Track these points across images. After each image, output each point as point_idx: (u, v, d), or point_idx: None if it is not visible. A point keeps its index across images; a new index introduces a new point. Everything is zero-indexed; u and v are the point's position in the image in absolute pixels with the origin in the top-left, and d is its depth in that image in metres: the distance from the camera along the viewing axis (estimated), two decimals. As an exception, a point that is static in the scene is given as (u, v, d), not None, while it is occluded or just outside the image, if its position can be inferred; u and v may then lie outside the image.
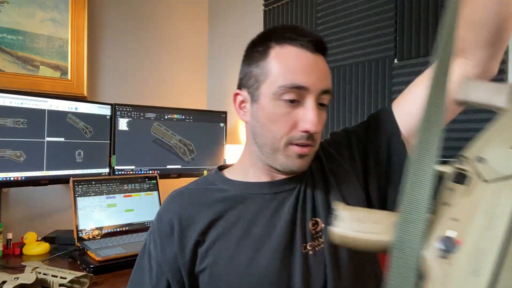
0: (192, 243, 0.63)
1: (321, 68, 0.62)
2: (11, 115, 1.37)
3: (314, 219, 0.64)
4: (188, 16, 2.28)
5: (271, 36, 0.64)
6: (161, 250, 0.65)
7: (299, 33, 0.62)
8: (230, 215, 0.64)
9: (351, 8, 1.54)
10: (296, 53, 0.61)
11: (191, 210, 0.65)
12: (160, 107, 1.81)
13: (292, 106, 0.60)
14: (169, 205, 0.68)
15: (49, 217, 1.67)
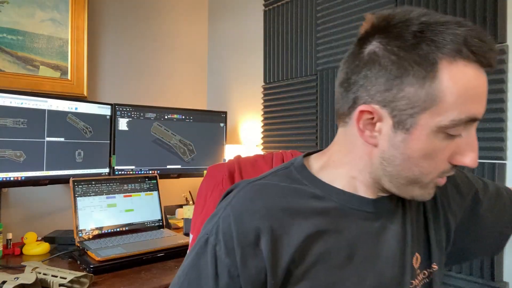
0: (286, 261, 0.51)
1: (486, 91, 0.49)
2: (11, 115, 1.37)
3: (416, 254, 0.58)
4: (188, 16, 2.28)
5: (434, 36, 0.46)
6: (240, 261, 0.51)
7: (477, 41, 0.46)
8: (330, 233, 0.53)
9: (351, 8, 1.53)
10: (475, 75, 0.46)
11: (283, 216, 0.53)
12: (160, 107, 1.81)
13: (450, 138, 0.49)
14: (253, 204, 0.54)
15: (49, 217, 1.67)
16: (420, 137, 0.49)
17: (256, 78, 2.02)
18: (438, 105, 0.46)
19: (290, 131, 1.78)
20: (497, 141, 1.14)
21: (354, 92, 0.52)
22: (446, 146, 0.49)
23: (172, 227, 1.72)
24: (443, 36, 0.46)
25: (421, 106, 0.47)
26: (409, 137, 0.49)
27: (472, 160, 0.49)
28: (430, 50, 0.46)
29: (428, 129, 0.48)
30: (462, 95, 0.46)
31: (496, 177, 1.14)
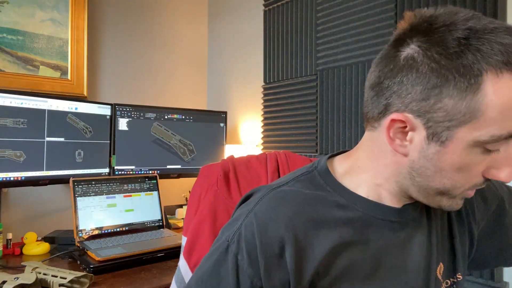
0: (310, 274, 0.50)
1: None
2: (11, 115, 1.37)
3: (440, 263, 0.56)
4: (188, 16, 2.28)
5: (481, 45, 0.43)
6: (264, 272, 0.49)
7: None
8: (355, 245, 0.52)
9: (351, 8, 1.53)
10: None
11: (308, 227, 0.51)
12: (160, 107, 1.81)
13: (490, 153, 0.46)
14: (276, 212, 0.52)
15: (49, 217, 1.67)
16: (456, 151, 0.46)
17: (256, 78, 2.02)
18: (479, 120, 0.43)
19: (290, 131, 1.78)
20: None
21: (386, 98, 0.49)
22: (482, 161, 0.47)
23: (172, 227, 1.72)
24: (491, 46, 0.42)
25: (460, 120, 0.44)
26: (444, 150, 0.46)
27: (508, 175, 0.47)
28: (475, 60, 0.42)
29: (465, 143, 0.45)
30: (505, 111, 0.43)
31: (496, 177, 1.14)
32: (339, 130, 1.57)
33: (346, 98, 1.55)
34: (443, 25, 0.45)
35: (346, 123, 1.54)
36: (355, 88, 1.52)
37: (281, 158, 0.87)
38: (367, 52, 1.48)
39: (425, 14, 0.47)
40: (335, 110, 1.59)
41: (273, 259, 0.50)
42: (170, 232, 1.52)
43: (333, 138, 1.59)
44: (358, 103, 1.51)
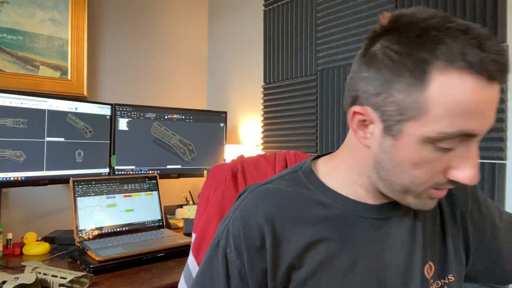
0: (286, 266, 0.53)
1: (494, 102, 0.45)
2: (11, 115, 1.37)
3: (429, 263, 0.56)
4: (188, 16, 2.28)
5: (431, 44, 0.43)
6: (248, 262, 0.54)
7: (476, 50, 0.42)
8: (333, 241, 0.54)
9: (351, 8, 1.54)
10: (472, 88, 0.42)
11: (286, 222, 0.55)
12: (160, 107, 1.81)
13: (444, 150, 0.46)
14: (258, 208, 0.56)
15: (49, 217, 1.67)
16: (407, 146, 0.47)
17: (256, 78, 2.02)
18: (426, 116, 0.44)
19: (290, 131, 1.78)
20: (497, 141, 1.14)
21: (354, 92, 0.51)
22: (437, 159, 0.47)
23: (172, 227, 1.72)
24: (443, 43, 0.43)
25: (409, 115, 0.45)
26: (397, 144, 0.48)
27: (467, 177, 0.46)
28: (424, 57, 0.43)
29: (416, 138, 0.46)
30: (453, 108, 0.43)
31: (496, 177, 1.14)
32: (339, 130, 1.57)
33: (346, 98, 1.55)
34: (405, 23, 0.46)
35: (346, 123, 1.54)
36: (355, 88, 1.52)
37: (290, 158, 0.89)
38: (367, 52, 1.48)
39: (393, 14, 0.48)
40: (335, 110, 1.59)
41: (255, 251, 0.54)
42: (170, 232, 1.52)
43: (333, 138, 1.59)
44: (358, 103, 1.51)
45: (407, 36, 0.45)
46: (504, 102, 1.13)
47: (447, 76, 0.43)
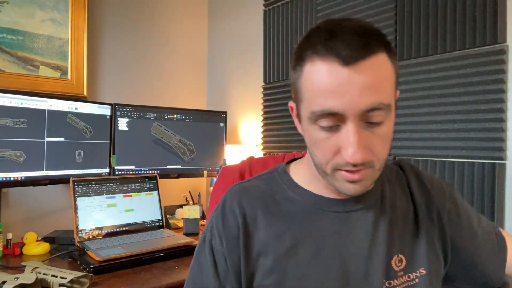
0: (255, 253, 0.59)
1: (360, 82, 0.48)
2: (11, 115, 1.37)
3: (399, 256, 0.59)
4: (188, 16, 2.28)
5: (307, 46, 0.52)
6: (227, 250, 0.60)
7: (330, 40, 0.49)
8: (298, 231, 0.59)
9: (351, 8, 1.54)
10: (326, 71, 0.49)
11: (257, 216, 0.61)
12: (160, 107, 1.81)
13: (331, 130, 0.51)
14: (233, 202, 0.62)
15: (49, 217, 1.67)
16: (305, 128, 0.56)
17: (256, 78, 2.02)
18: (304, 100, 0.53)
19: (290, 131, 1.78)
20: (497, 141, 1.14)
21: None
22: (326, 138, 0.52)
23: (172, 227, 1.72)
24: (316, 40, 0.51)
25: (299, 98, 0.55)
26: (303, 127, 0.57)
27: (347, 155, 0.50)
28: (304, 52, 0.53)
29: (306, 119, 0.54)
30: (313, 90, 0.51)
31: (496, 177, 1.14)
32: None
33: (346, 98, 1.55)
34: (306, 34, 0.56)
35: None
36: (355, 88, 1.52)
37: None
38: (367, 52, 1.48)
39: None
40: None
41: (233, 240, 0.60)
42: (170, 232, 1.52)
43: (333, 138, 1.59)
44: (358, 103, 1.51)
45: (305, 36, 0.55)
46: (504, 102, 1.13)
47: (310, 64, 0.51)
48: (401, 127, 1.37)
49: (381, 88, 0.50)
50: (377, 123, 0.51)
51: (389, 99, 0.51)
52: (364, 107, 0.49)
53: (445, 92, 1.25)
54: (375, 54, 0.49)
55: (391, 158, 1.39)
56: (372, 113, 0.50)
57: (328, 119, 0.51)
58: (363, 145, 0.50)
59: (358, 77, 0.48)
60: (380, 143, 0.52)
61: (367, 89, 0.48)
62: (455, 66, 1.23)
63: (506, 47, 1.13)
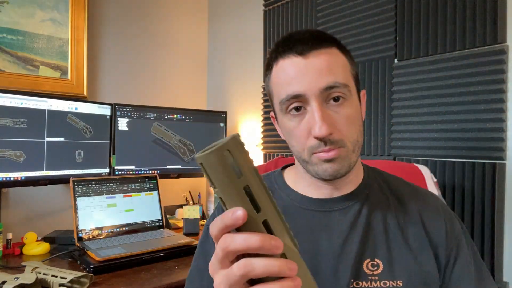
0: None
1: (316, 67, 0.58)
2: (11, 115, 1.37)
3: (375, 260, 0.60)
4: (188, 16, 2.28)
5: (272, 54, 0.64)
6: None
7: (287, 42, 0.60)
8: None
9: (351, 8, 1.54)
10: (287, 65, 0.60)
11: None
12: (160, 107, 1.81)
13: (300, 115, 0.59)
14: None
15: (49, 217, 1.67)
16: (281, 120, 0.63)
17: (256, 78, 2.02)
18: (275, 95, 0.63)
19: (290, 131, 1.78)
20: (497, 141, 1.14)
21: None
22: (296, 125, 0.60)
23: (172, 227, 1.72)
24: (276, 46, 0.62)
25: (272, 99, 0.65)
26: (280, 123, 0.65)
27: (314, 131, 0.56)
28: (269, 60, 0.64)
29: (280, 113, 0.63)
30: (280, 82, 0.61)
31: (496, 177, 1.14)
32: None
33: (346, 98, 1.55)
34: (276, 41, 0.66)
35: (346, 123, 1.54)
36: (355, 88, 1.52)
37: None
38: (367, 52, 1.48)
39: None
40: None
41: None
42: (170, 232, 1.51)
43: (333, 138, 1.59)
44: (358, 103, 1.51)
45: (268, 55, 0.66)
46: (504, 102, 1.13)
47: (276, 66, 0.62)
48: (401, 127, 1.37)
49: (335, 70, 0.58)
50: (339, 102, 0.58)
51: (345, 80, 0.59)
52: (322, 85, 0.57)
53: (445, 92, 1.25)
54: (327, 47, 0.59)
55: (391, 158, 1.39)
56: (331, 91, 0.57)
57: (294, 103, 0.59)
58: (328, 121, 0.57)
59: (313, 63, 0.58)
60: (345, 123, 0.58)
61: (322, 71, 0.57)
62: (455, 66, 1.23)
63: (506, 47, 1.13)
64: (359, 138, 0.61)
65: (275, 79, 0.62)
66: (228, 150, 0.33)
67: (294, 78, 0.58)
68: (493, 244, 1.14)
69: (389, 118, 1.41)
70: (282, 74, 0.60)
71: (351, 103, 0.60)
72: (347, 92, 0.59)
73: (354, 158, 0.61)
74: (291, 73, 0.59)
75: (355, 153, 0.61)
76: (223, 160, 0.33)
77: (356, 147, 0.61)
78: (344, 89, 0.58)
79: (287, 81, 0.59)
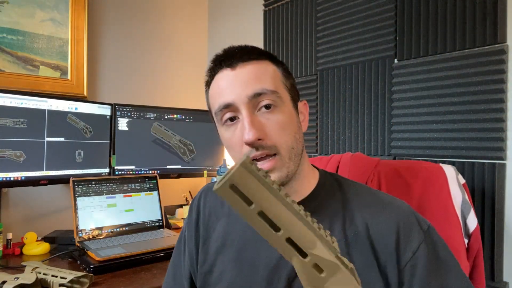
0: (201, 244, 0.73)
1: (243, 77, 0.61)
2: (11, 115, 1.37)
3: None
4: (188, 16, 2.28)
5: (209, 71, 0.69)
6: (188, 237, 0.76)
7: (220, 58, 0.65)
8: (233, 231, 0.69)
9: (351, 8, 1.53)
10: (219, 78, 0.64)
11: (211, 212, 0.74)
12: (160, 107, 1.81)
13: (233, 125, 0.63)
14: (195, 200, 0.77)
15: (49, 217, 1.67)
16: (220, 133, 0.67)
17: (256, 78, 2.01)
18: (212, 108, 0.66)
19: (290, 131, 1.78)
20: (497, 141, 1.14)
21: None
22: (232, 135, 0.63)
23: (172, 227, 1.72)
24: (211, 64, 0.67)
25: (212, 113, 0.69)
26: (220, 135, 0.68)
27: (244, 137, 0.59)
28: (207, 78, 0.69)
29: (218, 125, 0.66)
30: (215, 95, 0.65)
31: (496, 177, 1.14)
32: (339, 130, 1.57)
33: (346, 98, 1.55)
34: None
35: (346, 123, 1.54)
36: (355, 88, 1.52)
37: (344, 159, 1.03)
38: (367, 52, 1.48)
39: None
40: (335, 110, 1.59)
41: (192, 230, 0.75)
42: (170, 232, 1.51)
43: (333, 138, 1.59)
44: (358, 103, 1.51)
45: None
46: (504, 102, 1.13)
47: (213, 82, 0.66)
48: (401, 127, 1.37)
49: (262, 79, 0.61)
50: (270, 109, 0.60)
51: (274, 87, 0.61)
52: (249, 93, 0.60)
53: (445, 92, 1.25)
54: (255, 59, 0.63)
55: (391, 157, 1.39)
56: (259, 98, 0.60)
57: (227, 112, 0.62)
58: (257, 127, 0.58)
59: (241, 73, 0.62)
60: (277, 129, 0.60)
61: (249, 80, 0.61)
62: (455, 66, 1.23)
63: (506, 47, 1.13)
64: (295, 146, 0.62)
65: (211, 93, 0.67)
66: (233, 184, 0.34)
67: (224, 89, 0.62)
68: (493, 244, 1.14)
69: (389, 118, 1.41)
70: (215, 87, 0.65)
71: (283, 110, 0.62)
72: (277, 99, 0.61)
73: (292, 166, 0.61)
74: (222, 85, 0.63)
75: (293, 161, 0.61)
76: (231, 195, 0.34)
77: (293, 155, 0.61)
78: (273, 96, 0.60)
79: (219, 92, 0.63)
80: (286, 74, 0.66)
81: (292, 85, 0.67)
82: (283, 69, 0.66)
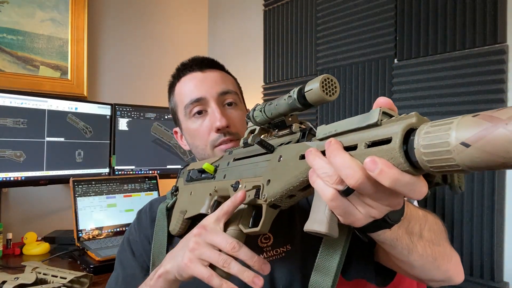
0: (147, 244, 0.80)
1: (212, 78, 0.76)
2: (11, 115, 1.37)
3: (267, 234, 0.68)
4: (188, 16, 2.28)
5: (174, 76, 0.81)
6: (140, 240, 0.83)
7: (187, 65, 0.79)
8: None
9: (351, 8, 1.54)
10: (188, 79, 0.77)
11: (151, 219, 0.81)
12: (160, 107, 1.81)
13: (202, 117, 0.74)
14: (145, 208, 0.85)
15: (49, 217, 1.67)
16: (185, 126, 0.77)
17: (255, 78, 2.02)
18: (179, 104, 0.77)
19: (290, 131, 1.78)
20: (497, 141, 1.14)
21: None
22: (199, 125, 0.74)
23: (172, 227, 1.72)
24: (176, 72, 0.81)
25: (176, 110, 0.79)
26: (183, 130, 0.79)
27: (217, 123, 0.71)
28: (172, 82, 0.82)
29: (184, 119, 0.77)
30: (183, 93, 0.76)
31: (496, 177, 1.14)
32: (339, 130, 1.57)
33: (346, 98, 1.55)
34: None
35: (346, 123, 1.54)
36: (355, 88, 1.52)
37: None
38: (367, 52, 1.48)
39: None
40: (335, 110, 1.59)
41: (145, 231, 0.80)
42: (170, 232, 1.51)
43: (333, 138, 1.59)
44: (358, 103, 1.51)
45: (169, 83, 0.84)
46: (504, 102, 1.13)
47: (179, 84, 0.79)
48: (401, 127, 1.37)
49: (227, 82, 0.77)
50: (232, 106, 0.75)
51: (235, 90, 0.78)
52: (219, 90, 0.74)
53: (445, 92, 1.25)
54: (219, 69, 0.79)
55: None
56: (225, 96, 0.75)
57: (197, 106, 0.74)
58: (226, 117, 0.72)
59: (210, 75, 0.76)
60: (238, 121, 0.74)
61: (217, 80, 0.76)
62: (455, 66, 1.23)
63: (506, 47, 1.13)
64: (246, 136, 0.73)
65: (178, 92, 0.78)
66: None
67: (195, 86, 0.75)
68: (493, 244, 1.14)
69: (389, 118, 1.41)
70: (184, 86, 0.77)
71: (241, 108, 0.78)
72: (237, 99, 0.77)
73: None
74: (193, 83, 0.76)
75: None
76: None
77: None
78: (235, 96, 0.76)
79: (190, 89, 0.75)
80: (238, 84, 0.83)
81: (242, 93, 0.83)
82: (236, 80, 0.83)
